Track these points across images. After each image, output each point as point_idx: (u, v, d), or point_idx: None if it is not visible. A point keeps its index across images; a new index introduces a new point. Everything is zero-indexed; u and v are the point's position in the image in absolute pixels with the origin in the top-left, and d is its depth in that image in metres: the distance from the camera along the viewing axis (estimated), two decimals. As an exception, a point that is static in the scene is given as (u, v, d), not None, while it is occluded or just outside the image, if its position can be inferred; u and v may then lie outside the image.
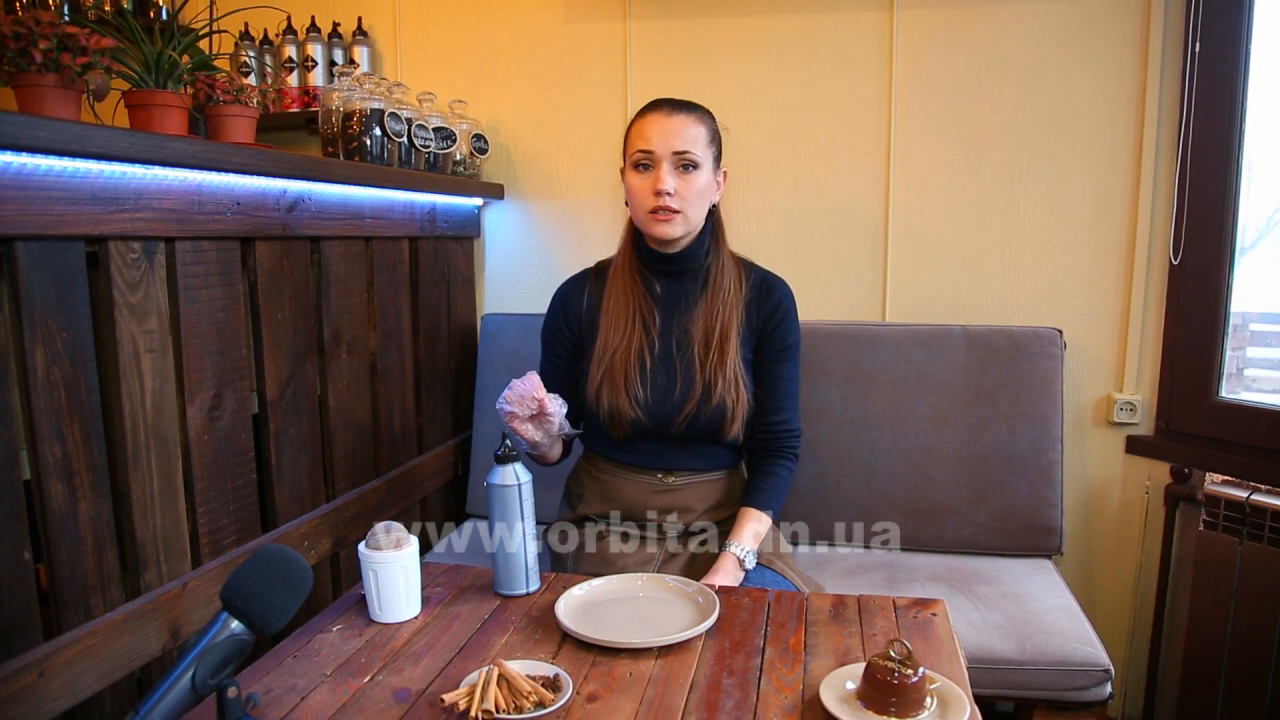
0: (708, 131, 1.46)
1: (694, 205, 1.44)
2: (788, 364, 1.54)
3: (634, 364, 1.46)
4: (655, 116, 1.44)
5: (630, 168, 1.45)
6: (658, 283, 1.51)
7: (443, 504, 2.14)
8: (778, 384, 1.53)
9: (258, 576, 0.86)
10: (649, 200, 1.42)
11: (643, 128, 1.44)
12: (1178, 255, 1.93)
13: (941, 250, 2.09)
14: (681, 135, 1.42)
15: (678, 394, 1.46)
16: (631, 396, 1.45)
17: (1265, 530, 1.72)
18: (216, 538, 1.36)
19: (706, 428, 1.46)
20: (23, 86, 1.10)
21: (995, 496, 1.89)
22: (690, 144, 1.42)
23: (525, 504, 1.25)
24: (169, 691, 0.79)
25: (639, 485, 1.51)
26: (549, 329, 1.59)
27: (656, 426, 1.46)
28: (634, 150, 1.44)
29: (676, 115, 1.43)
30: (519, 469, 1.25)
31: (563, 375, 1.56)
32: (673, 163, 1.42)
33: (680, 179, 1.42)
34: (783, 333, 1.52)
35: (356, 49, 2.26)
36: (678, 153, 1.41)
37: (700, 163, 1.43)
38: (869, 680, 0.94)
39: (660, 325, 1.49)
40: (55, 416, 1.08)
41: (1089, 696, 1.52)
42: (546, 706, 0.94)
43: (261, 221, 1.44)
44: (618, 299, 1.49)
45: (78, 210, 1.09)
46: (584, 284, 1.58)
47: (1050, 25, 1.98)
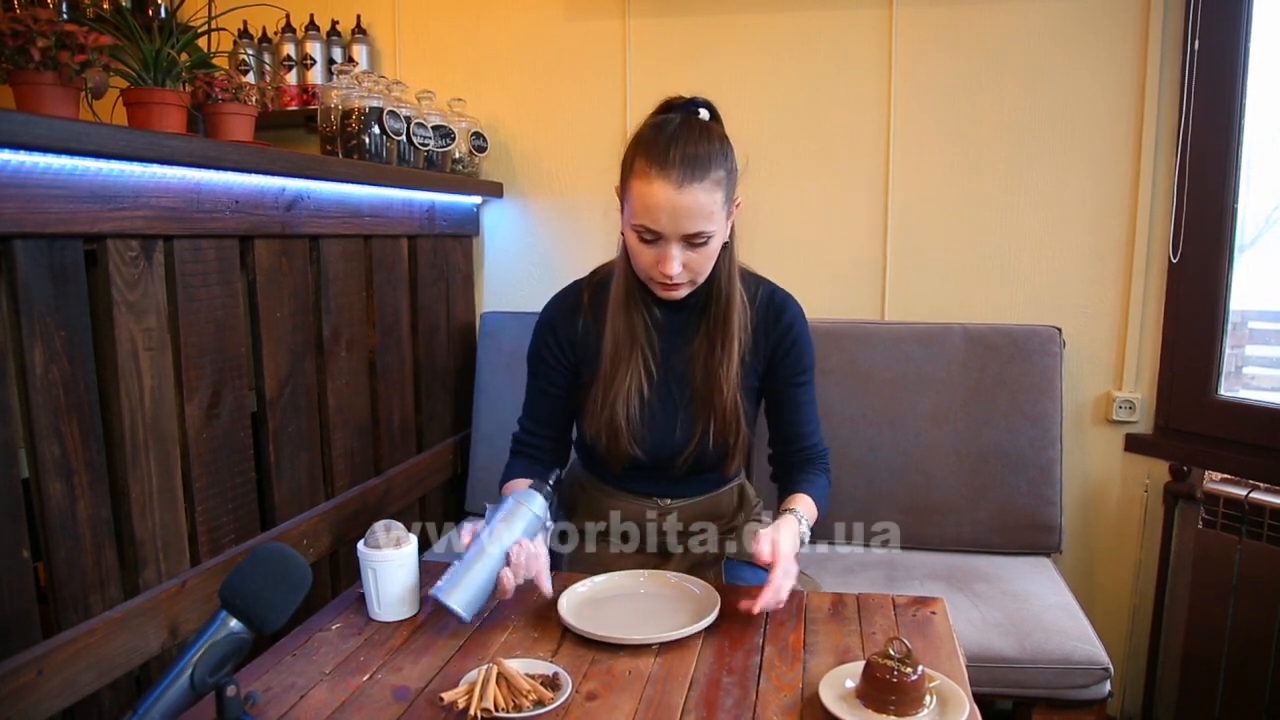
0: (723, 193, 1.22)
1: (704, 270, 1.28)
2: (805, 387, 1.43)
3: (634, 402, 1.35)
4: (664, 189, 1.18)
5: (631, 229, 1.25)
6: (657, 309, 1.38)
7: (442, 502, 2.14)
8: (800, 408, 1.42)
9: (257, 575, 0.86)
10: (654, 272, 1.25)
11: (647, 198, 1.19)
12: (1177, 253, 1.93)
13: (941, 248, 2.09)
14: (694, 215, 1.19)
15: (678, 434, 1.38)
16: (631, 436, 1.36)
17: (1264, 528, 1.72)
18: (215, 536, 1.36)
19: (707, 465, 1.41)
20: (21, 84, 1.09)
21: (994, 495, 1.89)
22: (704, 222, 1.20)
23: (526, 533, 1.17)
24: (168, 690, 0.79)
25: (636, 507, 1.48)
26: (538, 357, 1.43)
27: (656, 466, 1.40)
28: (637, 220, 1.22)
29: (688, 188, 1.18)
30: (549, 509, 1.20)
31: (554, 405, 1.44)
32: (682, 242, 1.22)
33: (691, 252, 1.23)
34: (796, 356, 1.40)
35: (355, 47, 2.26)
36: (688, 235, 1.21)
37: (714, 234, 1.23)
38: (868, 678, 0.94)
39: (660, 355, 1.38)
40: (54, 415, 1.08)
41: (1088, 695, 1.52)
42: (545, 705, 0.94)
43: (260, 220, 1.44)
44: (618, 326, 1.35)
45: (76, 208, 1.09)
46: (577, 304, 1.41)
47: (1049, 23, 1.98)
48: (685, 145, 1.20)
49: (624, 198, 1.27)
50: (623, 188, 1.27)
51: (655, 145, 1.21)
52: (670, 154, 1.19)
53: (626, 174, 1.26)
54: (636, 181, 1.22)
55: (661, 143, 1.21)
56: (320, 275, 1.62)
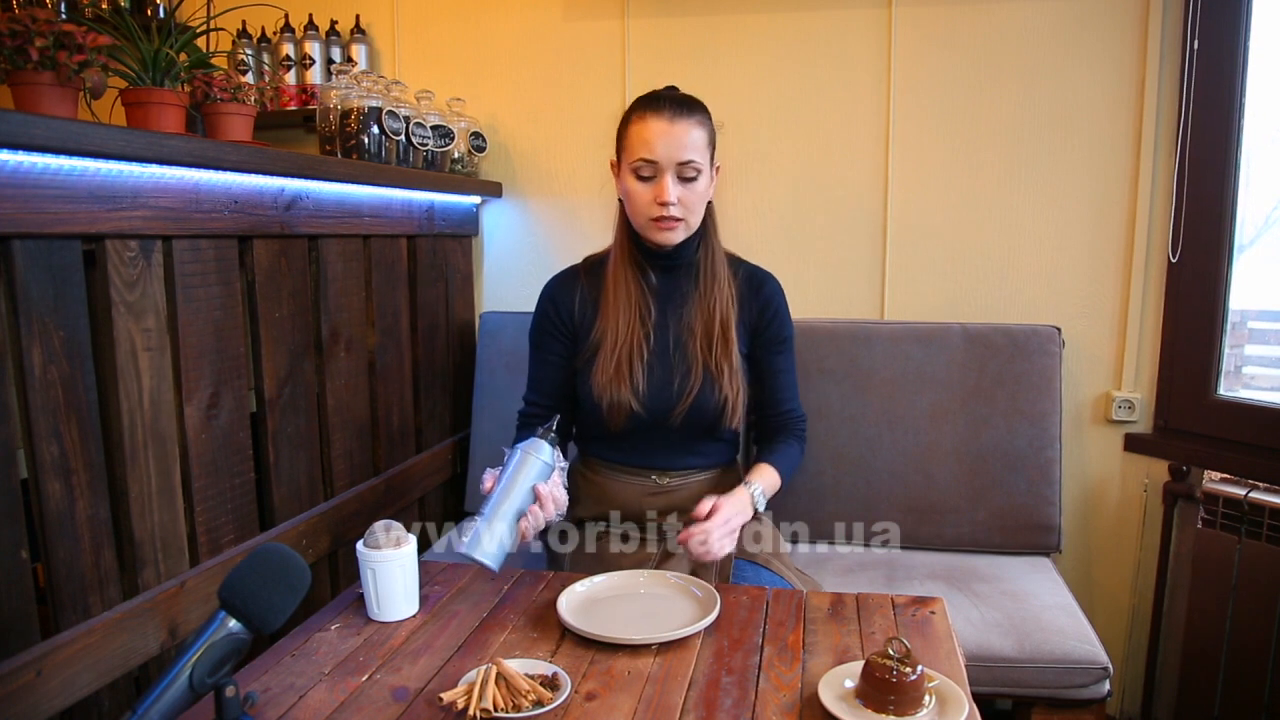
0: (707, 134, 1.43)
1: (696, 211, 1.44)
2: (786, 355, 1.57)
3: (636, 356, 1.46)
4: (657, 122, 1.39)
5: (629, 173, 1.42)
6: (654, 274, 1.51)
7: (441, 503, 2.14)
8: (779, 375, 1.56)
9: (256, 575, 0.86)
10: (651, 209, 1.41)
11: (644, 133, 1.40)
12: (1176, 253, 1.93)
13: (940, 248, 2.09)
14: (685, 144, 1.39)
15: (676, 386, 1.46)
16: (633, 388, 1.45)
17: (1263, 528, 1.72)
18: (214, 536, 1.36)
19: (704, 420, 1.47)
20: (19, 84, 1.09)
21: (994, 494, 1.89)
22: (694, 152, 1.39)
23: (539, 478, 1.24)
24: (167, 690, 0.79)
25: (633, 488, 1.51)
26: (539, 328, 1.55)
27: (653, 419, 1.46)
28: (634, 157, 1.40)
29: (679, 121, 1.39)
30: (558, 453, 1.27)
31: (556, 374, 1.54)
32: (676, 172, 1.39)
33: (683, 188, 1.40)
34: (777, 326, 1.54)
35: (354, 47, 2.26)
36: (682, 163, 1.39)
37: (702, 169, 1.41)
38: (867, 678, 0.94)
39: (656, 318, 1.49)
40: (52, 415, 1.08)
41: (1087, 694, 1.52)
42: (545, 705, 0.94)
43: (259, 220, 1.44)
44: (617, 292, 1.48)
45: (75, 209, 1.09)
46: (574, 280, 1.55)
47: (1048, 22, 1.97)
48: (672, 94, 1.45)
49: (621, 151, 1.45)
50: (619, 145, 1.46)
51: (647, 97, 1.45)
52: (660, 99, 1.43)
53: (622, 129, 1.45)
54: (632, 127, 1.42)
55: (652, 95, 1.45)
56: (319, 275, 1.62)
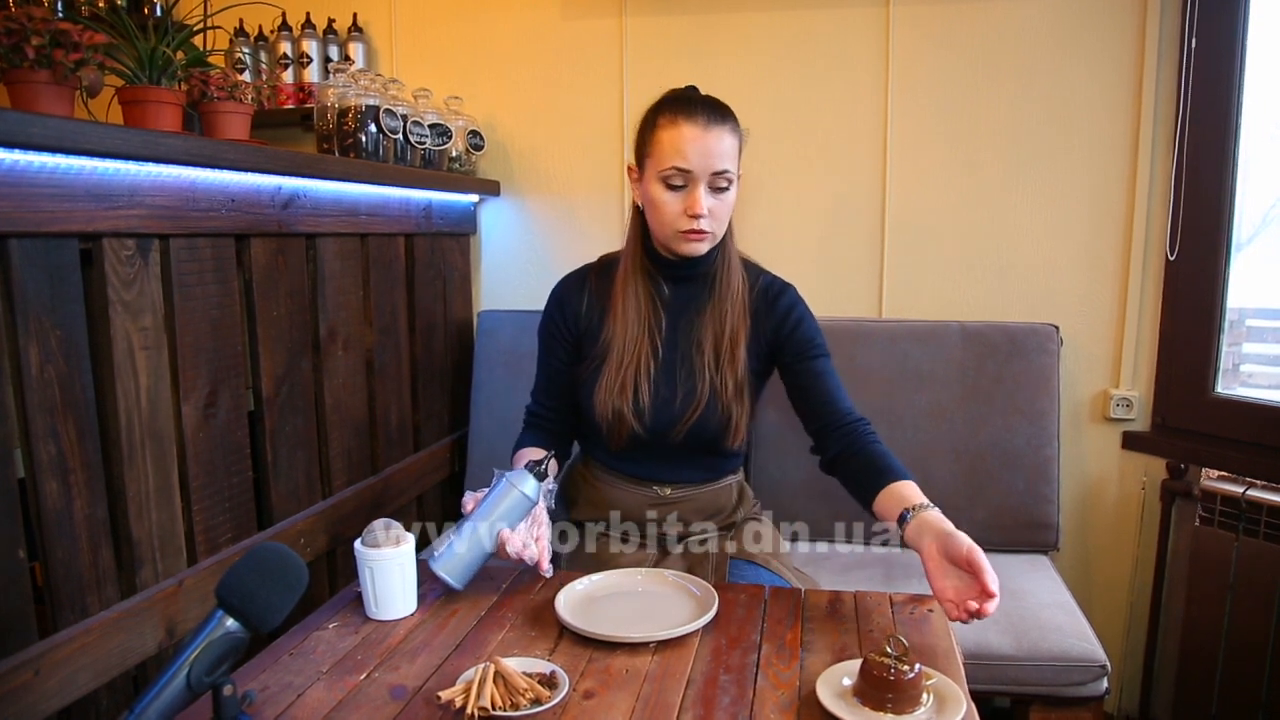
0: (739, 142, 1.35)
1: (724, 222, 1.37)
2: (822, 359, 1.43)
3: (643, 374, 1.40)
4: (691, 128, 1.30)
5: (657, 181, 1.33)
6: (666, 285, 1.44)
7: (439, 501, 2.14)
8: (820, 378, 1.41)
9: (254, 574, 0.86)
10: (680, 220, 1.33)
11: (676, 140, 1.30)
12: (1174, 251, 1.93)
13: (938, 246, 2.09)
14: (720, 153, 1.31)
15: (679, 403, 1.41)
16: (636, 409, 1.40)
17: (1261, 525, 1.73)
18: (212, 535, 1.36)
19: (706, 438, 1.42)
20: (15, 83, 1.09)
21: (992, 493, 1.89)
22: (728, 161, 1.32)
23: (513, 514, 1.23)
24: (165, 689, 0.78)
25: (635, 496, 1.48)
26: (547, 330, 1.51)
27: (653, 437, 1.42)
28: (666, 165, 1.31)
29: (714, 129, 1.31)
30: (543, 490, 1.25)
31: (562, 378, 1.50)
32: (709, 183, 1.32)
33: (714, 198, 1.33)
34: (802, 333, 1.43)
35: (352, 45, 2.25)
36: (716, 173, 1.31)
37: (734, 179, 1.34)
38: (865, 676, 0.94)
39: (666, 331, 1.43)
40: (49, 414, 1.08)
41: (1085, 692, 1.52)
42: (543, 703, 0.94)
43: (256, 218, 1.44)
44: (626, 303, 1.42)
45: (71, 207, 1.09)
46: (583, 282, 1.50)
47: (1046, 21, 1.97)
48: (704, 98, 1.36)
49: (646, 156, 1.36)
50: (644, 148, 1.37)
51: (677, 100, 1.35)
52: (694, 103, 1.33)
53: (648, 132, 1.36)
54: (662, 131, 1.33)
55: (683, 97, 1.35)
56: (317, 274, 1.62)
